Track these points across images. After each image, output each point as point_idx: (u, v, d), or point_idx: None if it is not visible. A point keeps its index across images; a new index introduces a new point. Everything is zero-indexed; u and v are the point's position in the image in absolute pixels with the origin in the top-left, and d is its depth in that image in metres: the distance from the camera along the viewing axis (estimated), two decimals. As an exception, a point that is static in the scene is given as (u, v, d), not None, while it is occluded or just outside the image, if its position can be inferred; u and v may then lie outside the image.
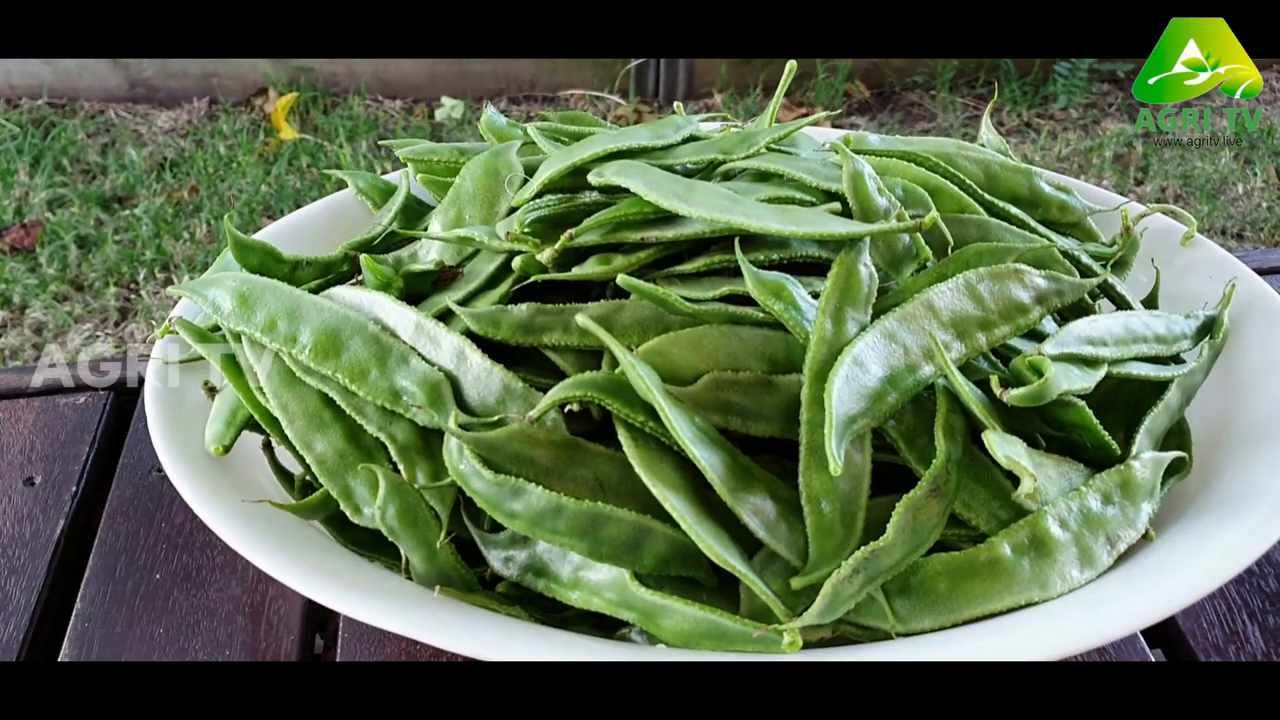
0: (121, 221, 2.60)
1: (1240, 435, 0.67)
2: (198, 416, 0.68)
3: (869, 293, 0.63)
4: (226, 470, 0.65)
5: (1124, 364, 0.66)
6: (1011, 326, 0.64)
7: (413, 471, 0.60)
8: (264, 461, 0.66)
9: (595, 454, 0.60)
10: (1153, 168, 2.88)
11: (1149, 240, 0.78)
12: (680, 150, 0.74)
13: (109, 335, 2.38)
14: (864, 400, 0.59)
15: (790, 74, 0.78)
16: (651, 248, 0.66)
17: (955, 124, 3.12)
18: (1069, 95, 3.16)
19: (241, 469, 0.66)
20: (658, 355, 0.61)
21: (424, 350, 0.63)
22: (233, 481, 0.64)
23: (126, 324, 2.41)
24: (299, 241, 0.81)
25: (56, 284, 2.43)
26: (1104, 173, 2.84)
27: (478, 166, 0.74)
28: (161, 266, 2.50)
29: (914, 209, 0.69)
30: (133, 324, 2.40)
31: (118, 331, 2.39)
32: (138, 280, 2.49)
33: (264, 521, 0.61)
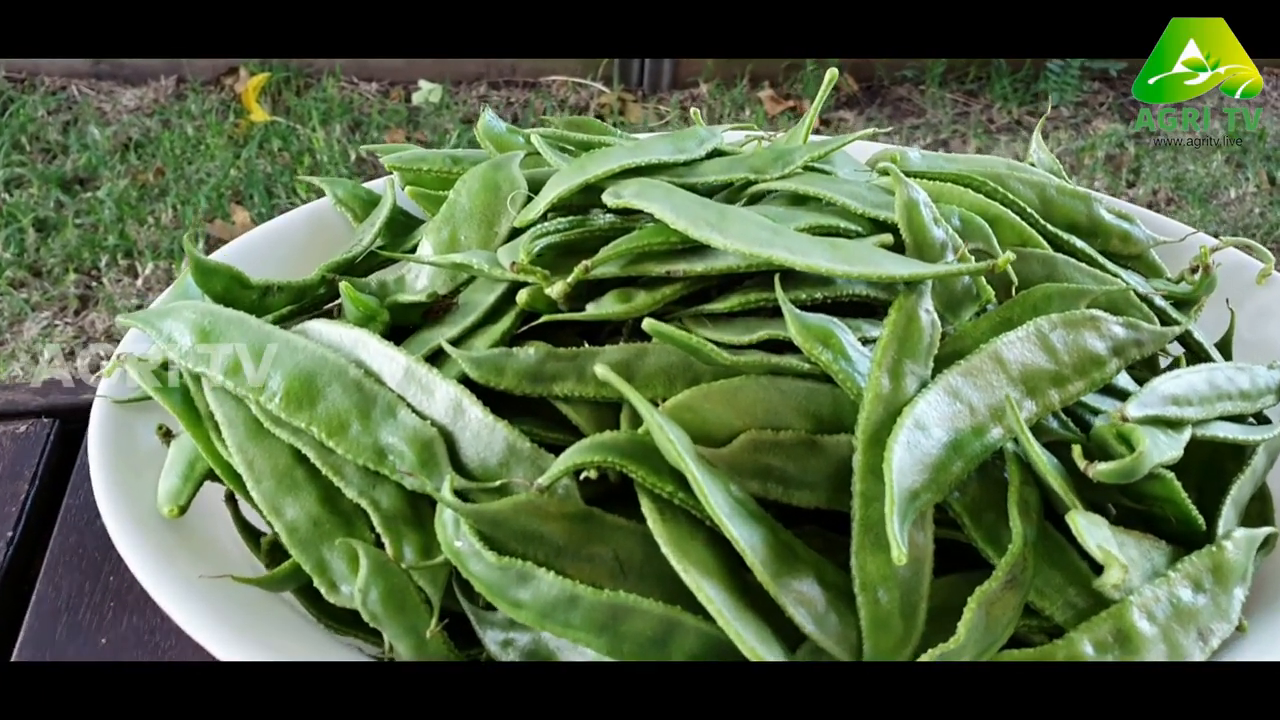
0: (83, 204, 2.48)
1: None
2: (151, 466, 0.59)
3: (931, 343, 0.54)
4: (182, 530, 0.56)
5: (1208, 425, 0.58)
6: (1086, 382, 0.56)
7: (399, 546, 0.51)
8: (226, 517, 0.57)
9: (615, 528, 0.51)
10: (1145, 170, 2.82)
11: (1219, 275, 0.70)
12: (705, 167, 0.66)
13: (68, 324, 2.27)
14: (927, 471, 0.51)
15: (830, 83, 0.69)
16: (678, 283, 0.57)
17: (945, 120, 3.05)
18: (1060, 93, 3.10)
19: (200, 526, 0.57)
20: (688, 411, 0.53)
21: (414, 400, 0.54)
22: (189, 545, 0.56)
23: (87, 313, 2.30)
24: (271, 256, 0.72)
25: (13, 269, 2.32)
26: (1096, 174, 2.78)
27: (475, 180, 0.65)
28: (124, 253, 2.39)
29: (973, 242, 0.61)
30: (93, 313, 2.29)
31: (77, 320, 2.28)
32: (99, 267, 2.38)
33: (225, 596, 0.52)
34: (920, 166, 0.73)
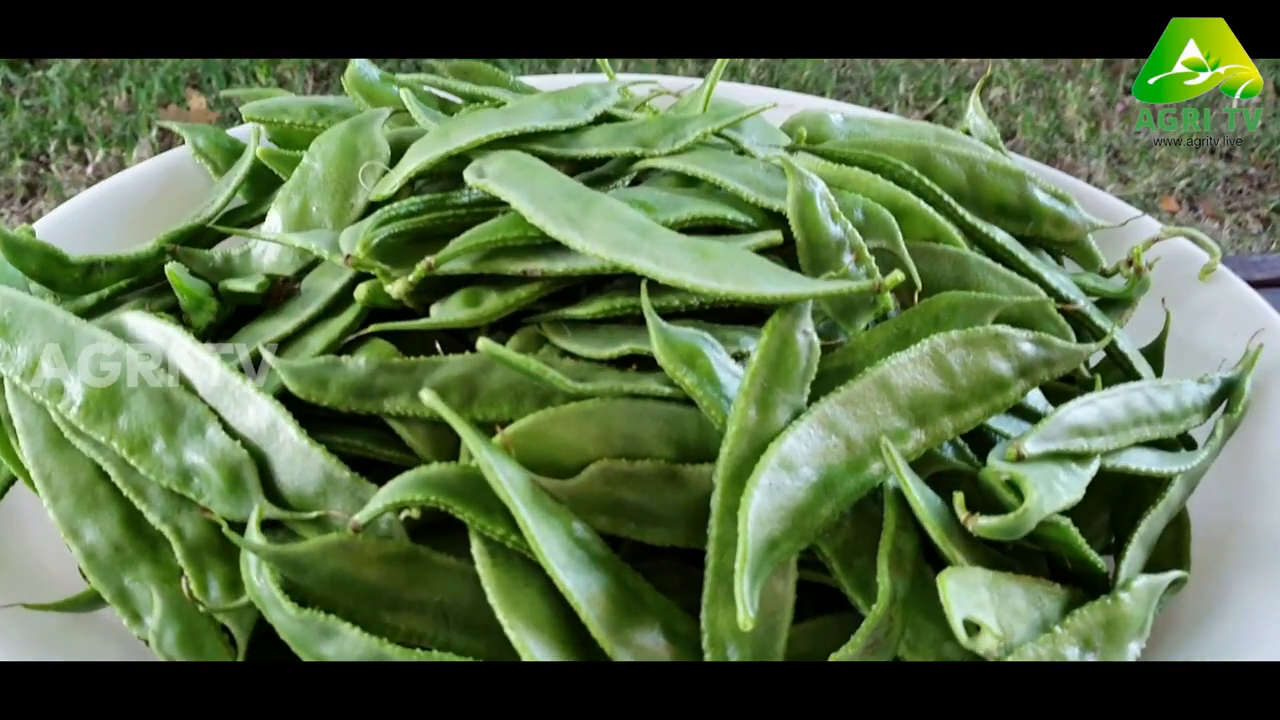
0: (32, 84, 2.38)
1: (1254, 545, 0.55)
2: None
3: (807, 367, 0.49)
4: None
5: (1121, 454, 0.53)
6: (986, 407, 0.51)
7: (202, 580, 0.46)
8: (42, 520, 0.52)
9: (441, 570, 0.46)
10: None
11: (1159, 269, 0.64)
12: (589, 136, 0.59)
13: (14, 214, 2.19)
14: (791, 517, 0.46)
15: (720, 70, 0.62)
16: (536, 282, 0.51)
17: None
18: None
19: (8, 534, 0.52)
20: (533, 439, 0.47)
21: (227, 414, 0.48)
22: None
23: (34, 201, 2.22)
24: (121, 214, 0.66)
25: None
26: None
27: (332, 144, 0.59)
28: (74, 138, 2.29)
29: (875, 240, 0.54)
30: (41, 201, 2.21)
31: (24, 209, 2.20)
32: (48, 153, 2.29)
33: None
34: (841, 133, 0.66)
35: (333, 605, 0.45)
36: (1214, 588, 0.54)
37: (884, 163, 0.58)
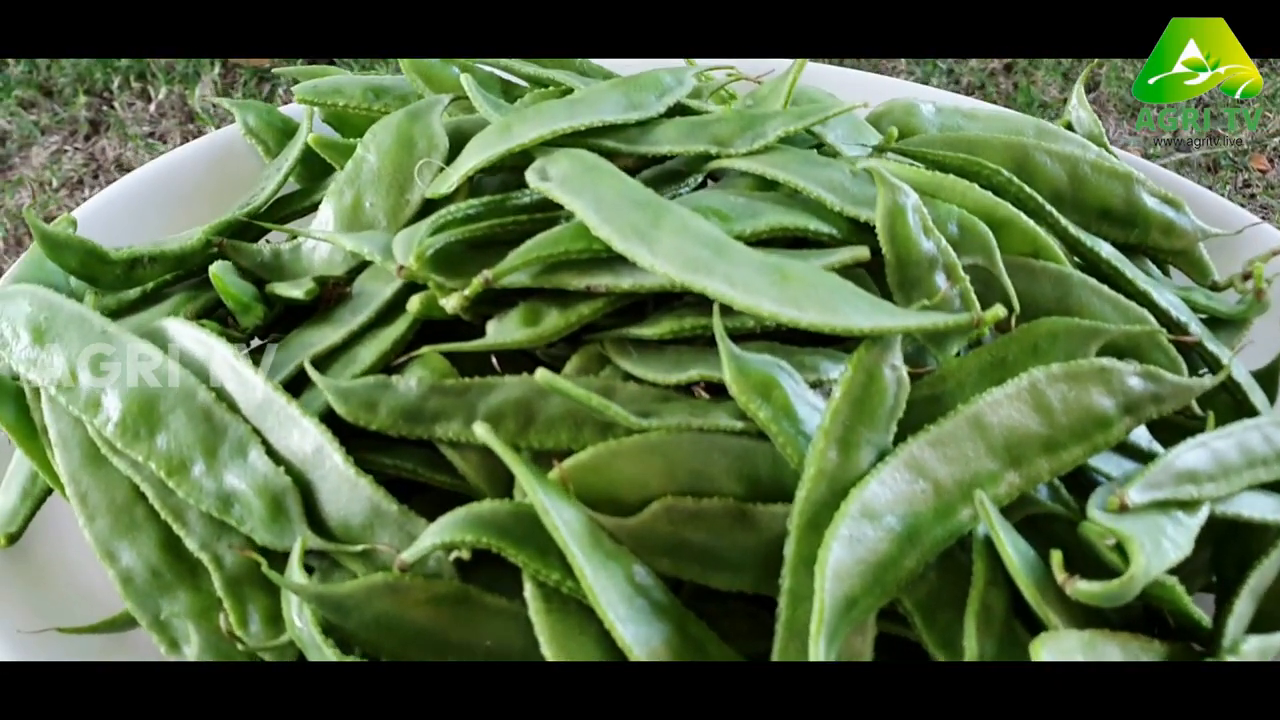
0: (96, 20, 2.36)
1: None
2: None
3: (894, 405, 0.45)
4: (18, 555, 0.49)
5: (1232, 500, 0.48)
6: (1086, 448, 0.47)
7: (241, 612, 0.44)
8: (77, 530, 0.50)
9: (493, 612, 0.43)
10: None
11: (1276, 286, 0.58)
12: (661, 131, 0.54)
13: (78, 150, 2.19)
14: (871, 571, 0.42)
15: (801, 67, 0.57)
16: (600, 298, 0.47)
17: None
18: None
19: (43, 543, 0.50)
20: (592, 473, 0.44)
21: (270, 435, 0.45)
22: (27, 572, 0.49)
23: (97, 139, 2.21)
24: (170, 197, 0.63)
25: (22, 88, 2.22)
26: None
27: (387, 135, 0.55)
28: (138, 75, 2.28)
29: (971, 256, 0.50)
30: (104, 139, 2.20)
31: (87, 147, 2.20)
32: (111, 89, 2.28)
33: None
34: (933, 125, 0.61)
35: (377, 649, 0.42)
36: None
37: (980, 168, 0.53)
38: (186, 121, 2.04)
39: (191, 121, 2.03)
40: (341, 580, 0.44)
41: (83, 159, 2.32)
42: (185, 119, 2.14)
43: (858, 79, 0.69)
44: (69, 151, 2.33)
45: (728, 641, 0.44)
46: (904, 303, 0.49)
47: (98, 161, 2.31)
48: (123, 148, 2.32)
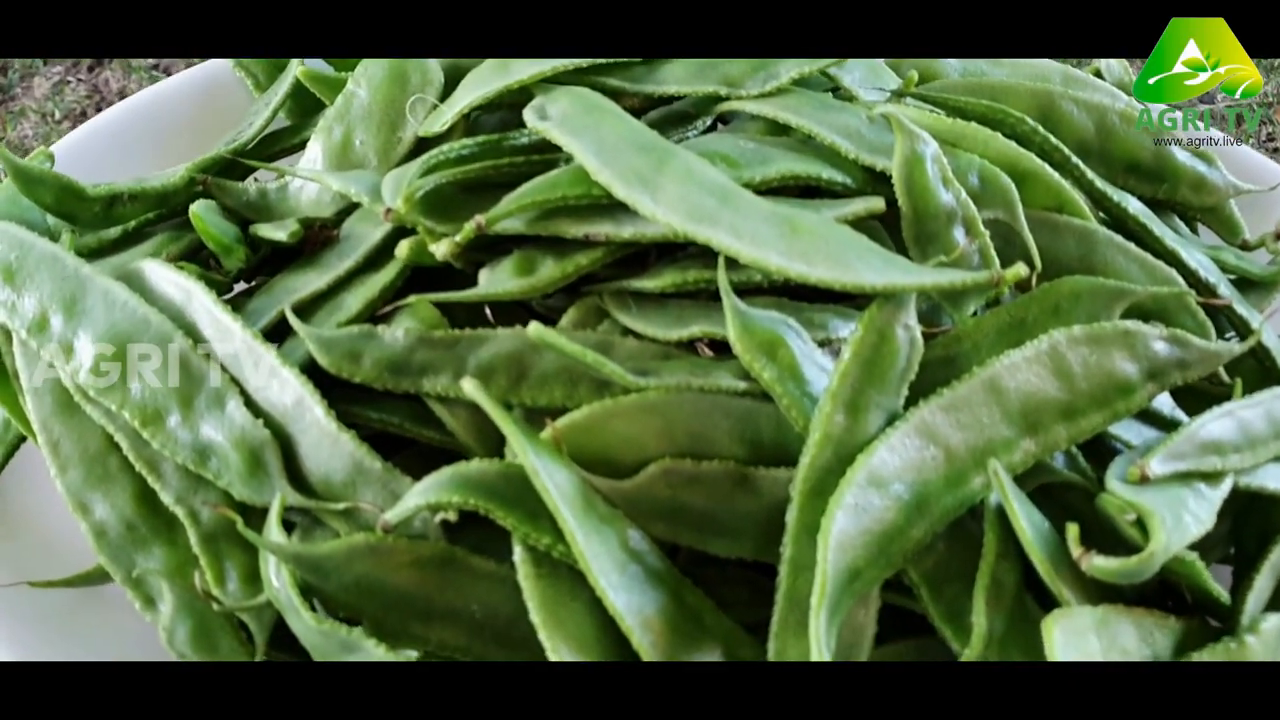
0: (96, -53, 2.32)
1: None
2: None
3: (906, 366, 0.42)
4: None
5: (1257, 471, 0.46)
6: (1106, 414, 0.44)
7: (219, 570, 0.42)
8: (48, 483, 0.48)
9: (480, 575, 0.42)
10: None
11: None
12: (669, 70, 0.52)
13: (81, 82, 2.15)
14: (877, 542, 0.40)
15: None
16: (599, 248, 0.45)
17: None
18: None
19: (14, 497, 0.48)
20: (587, 433, 0.42)
21: (250, 385, 0.43)
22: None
23: (101, 70, 2.17)
24: (156, 132, 0.60)
25: (22, 16, 2.18)
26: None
27: (379, 69, 0.52)
28: (140, 4, 2.24)
29: (992, 210, 0.47)
30: (107, 70, 2.16)
31: (91, 78, 2.16)
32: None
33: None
34: (956, 70, 0.58)
35: (358, 612, 0.41)
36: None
37: (1005, 116, 0.50)
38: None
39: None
40: (323, 538, 0.43)
41: (86, 90, 2.28)
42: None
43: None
44: (72, 83, 2.29)
45: (725, 609, 0.42)
46: (920, 258, 0.46)
47: (101, 93, 2.27)
48: (126, 80, 2.29)
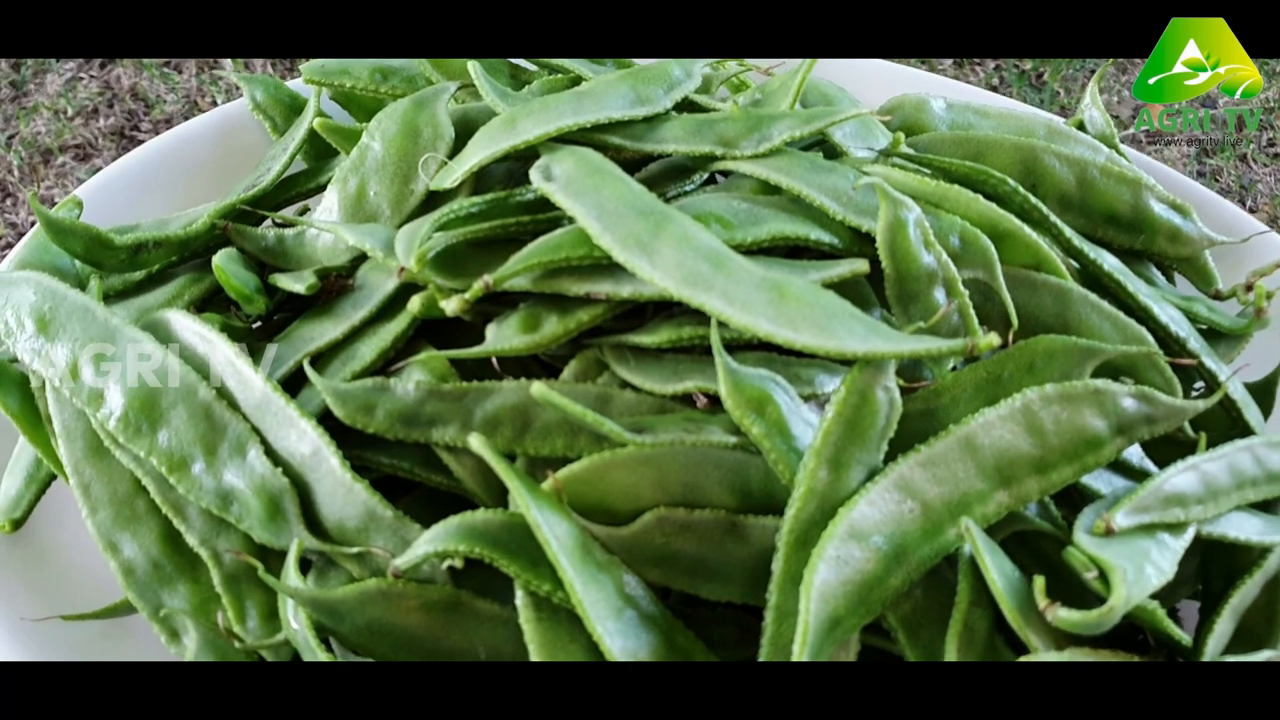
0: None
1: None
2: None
3: (886, 425, 0.45)
4: (21, 541, 0.50)
5: (1219, 520, 0.49)
6: (1076, 468, 0.47)
7: (240, 609, 0.45)
8: (77, 516, 0.50)
9: (484, 618, 0.44)
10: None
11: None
12: (667, 129, 0.54)
13: (93, 78, 2.17)
14: (857, 591, 0.43)
15: (810, 67, 0.56)
16: (600, 304, 0.48)
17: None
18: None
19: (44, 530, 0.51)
20: (585, 484, 0.45)
21: (269, 434, 0.46)
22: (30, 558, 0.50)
23: (113, 67, 2.19)
24: (176, 173, 0.63)
25: (35, 14, 2.20)
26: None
27: (392, 123, 0.55)
28: (150, 3, 2.25)
29: (971, 270, 0.50)
30: (119, 67, 2.19)
31: (103, 74, 2.18)
32: (123, 17, 2.25)
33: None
34: (943, 123, 0.61)
35: (370, 651, 0.44)
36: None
37: (986, 177, 0.53)
38: (201, 50, 2.03)
39: (205, 51, 2.02)
40: (337, 578, 0.45)
41: (98, 87, 2.30)
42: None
43: (871, 69, 0.68)
44: (84, 79, 2.32)
45: (715, 649, 0.45)
46: (902, 316, 0.49)
47: (113, 90, 2.30)
48: (138, 76, 2.31)
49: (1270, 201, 2.14)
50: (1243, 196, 2.14)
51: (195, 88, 2.07)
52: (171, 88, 2.13)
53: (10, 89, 2.20)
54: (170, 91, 2.13)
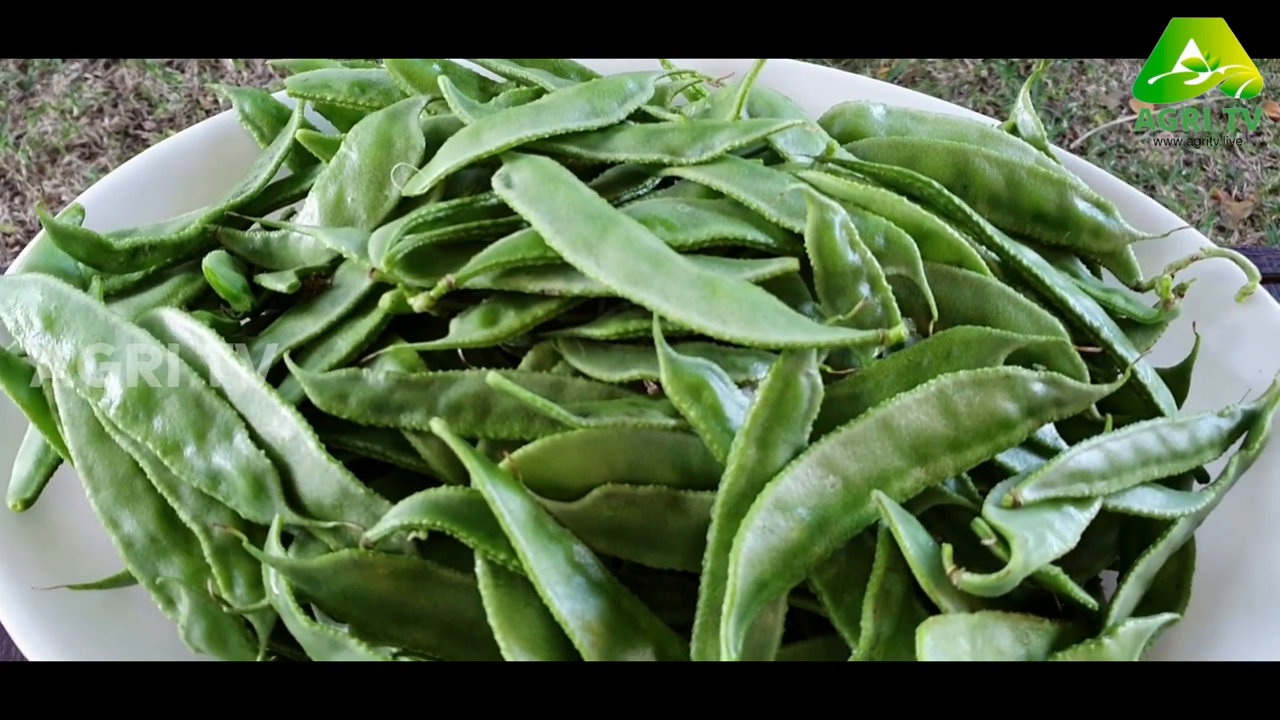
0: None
1: (1254, 586, 0.55)
2: (13, 432, 0.57)
3: (809, 408, 0.49)
4: (32, 518, 0.55)
5: (1124, 495, 0.53)
6: (989, 446, 0.51)
7: (228, 577, 0.50)
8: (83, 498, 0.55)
9: (448, 585, 0.49)
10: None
11: (1197, 286, 0.63)
12: (619, 139, 0.59)
13: (98, 78, 2.22)
14: (782, 558, 0.47)
15: (758, 69, 0.60)
16: (554, 300, 0.52)
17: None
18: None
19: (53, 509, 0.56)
20: (539, 464, 0.49)
21: (254, 420, 0.51)
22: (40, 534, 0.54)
23: (117, 67, 2.25)
24: (170, 181, 0.68)
25: (42, 16, 2.25)
26: None
27: (368, 134, 0.59)
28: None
29: (895, 266, 0.54)
30: (123, 68, 2.24)
31: (107, 74, 2.24)
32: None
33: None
34: (881, 129, 0.65)
35: (344, 616, 0.48)
36: (1208, 629, 0.54)
37: (913, 181, 0.57)
38: (203, 51, 2.07)
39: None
40: (315, 551, 0.50)
41: (103, 87, 2.35)
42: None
43: (820, 76, 0.72)
44: (89, 79, 2.36)
45: (659, 612, 0.50)
46: (829, 309, 0.53)
47: (117, 90, 2.35)
48: (141, 76, 2.36)
49: (1256, 189, 2.17)
50: (1229, 185, 2.17)
51: (197, 87, 2.12)
52: (174, 87, 2.18)
53: (18, 90, 2.26)
54: (173, 91, 2.18)
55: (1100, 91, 2.21)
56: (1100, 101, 2.21)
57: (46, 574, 0.52)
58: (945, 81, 2.17)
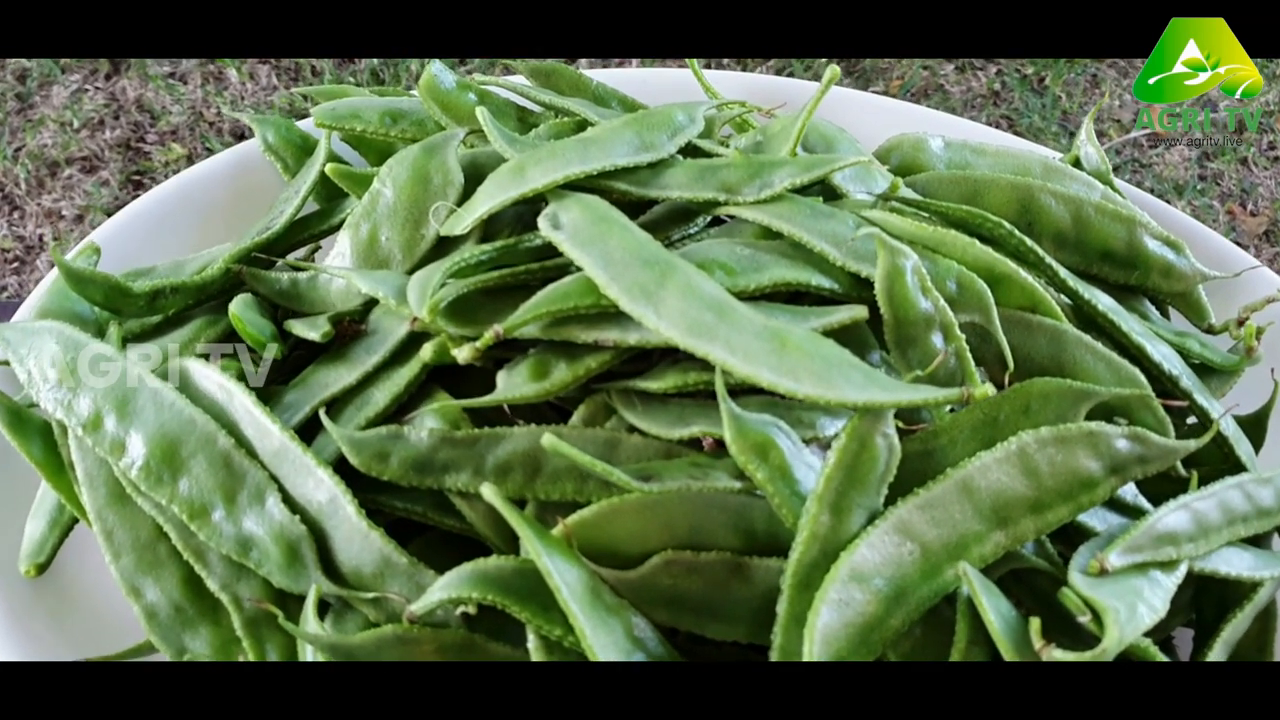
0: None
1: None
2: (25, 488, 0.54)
3: (885, 470, 0.46)
4: (48, 581, 0.51)
5: (1211, 556, 0.50)
6: (1071, 507, 0.48)
7: (260, 651, 0.47)
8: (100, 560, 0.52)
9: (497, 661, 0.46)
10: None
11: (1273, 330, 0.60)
12: (671, 175, 0.55)
13: (99, 90, 2.19)
14: (859, 633, 0.44)
15: (831, 81, 0.57)
16: (607, 351, 0.49)
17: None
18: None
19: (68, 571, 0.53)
20: (594, 529, 0.46)
21: (287, 482, 0.47)
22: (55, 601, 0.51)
23: (118, 79, 2.21)
24: (191, 214, 0.64)
25: (40, 26, 2.21)
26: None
27: (403, 169, 0.56)
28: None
29: (968, 314, 0.51)
30: (124, 79, 2.20)
31: (108, 86, 2.20)
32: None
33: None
34: (941, 161, 0.62)
35: (387, 695, 0.45)
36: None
37: (983, 221, 0.54)
38: (207, 62, 2.03)
39: (212, 62, 2.02)
40: (354, 621, 0.47)
41: (104, 99, 2.31)
42: (206, 59, 2.13)
43: (874, 104, 0.69)
44: (90, 91, 2.33)
45: (721, 686, 0.47)
46: (900, 359, 0.50)
47: (118, 102, 2.31)
48: (143, 87, 2.32)
49: (1271, 205, 2.14)
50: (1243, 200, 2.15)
51: (200, 99, 2.08)
52: (177, 99, 2.14)
53: (16, 101, 2.22)
54: (175, 103, 2.14)
55: (1114, 105, 2.19)
56: (1114, 115, 2.19)
57: (61, 645, 0.49)
58: (958, 95, 2.14)
